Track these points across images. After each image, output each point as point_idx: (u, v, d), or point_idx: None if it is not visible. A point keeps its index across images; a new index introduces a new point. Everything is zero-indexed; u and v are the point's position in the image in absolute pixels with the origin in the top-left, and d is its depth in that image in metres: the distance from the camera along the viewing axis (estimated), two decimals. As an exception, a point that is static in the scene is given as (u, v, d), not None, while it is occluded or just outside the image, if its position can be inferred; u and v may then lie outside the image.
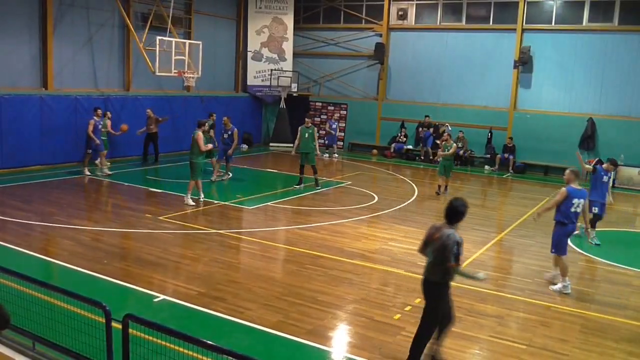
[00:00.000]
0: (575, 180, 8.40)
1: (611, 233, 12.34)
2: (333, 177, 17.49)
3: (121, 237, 10.30)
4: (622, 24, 19.21)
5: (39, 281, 5.62)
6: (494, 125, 21.38)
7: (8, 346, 5.40)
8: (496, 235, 11.71)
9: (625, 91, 19.38)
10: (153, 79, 19.43)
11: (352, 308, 7.48)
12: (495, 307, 7.74)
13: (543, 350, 6.51)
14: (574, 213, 8.34)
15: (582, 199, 8.33)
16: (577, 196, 8.28)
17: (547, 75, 20.60)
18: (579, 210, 8.37)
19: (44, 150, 16.60)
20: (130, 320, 4.63)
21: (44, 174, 15.63)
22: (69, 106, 17.13)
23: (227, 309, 7.19)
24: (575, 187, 8.34)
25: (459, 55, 22.06)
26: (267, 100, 25.11)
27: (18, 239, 9.71)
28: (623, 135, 19.21)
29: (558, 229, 8.49)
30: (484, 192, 17.57)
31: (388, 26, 23.31)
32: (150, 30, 18.72)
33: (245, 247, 10.15)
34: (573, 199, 8.25)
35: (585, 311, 7.74)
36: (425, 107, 22.71)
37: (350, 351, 6.29)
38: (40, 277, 6.64)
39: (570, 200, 8.25)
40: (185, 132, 20.89)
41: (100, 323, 4.93)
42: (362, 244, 10.50)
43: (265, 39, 24.76)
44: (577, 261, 10.11)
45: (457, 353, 6.34)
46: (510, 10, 21.00)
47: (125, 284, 7.95)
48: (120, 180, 15.55)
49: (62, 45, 17.44)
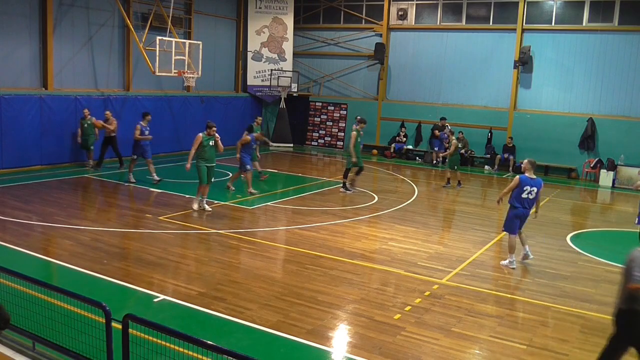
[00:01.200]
0: (530, 169, 9.36)
1: (611, 233, 12.34)
2: (333, 177, 17.49)
3: (121, 237, 10.29)
4: (622, 24, 19.22)
5: (39, 281, 5.62)
6: (494, 125, 21.38)
7: (8, 346, 5.41)
8: (496, 235, 11.71)
9: (625, 91, 19.39)
10: (153, 79, 19.44)
11: (352, 308, 7.48)
12: (495, 307, 7.74)
13: (543, 350, 6.51)
14: (526, 199, 9.34)
15: (534, 187, 9.29)
16: (529, 184, 9.28)
17: (547, 76, 20.61)
18: (530, 197, 9.34)
19: (44, 150, 16.61)
20: (130, 320, 4.63)
21: (44, 174, 15.64)
22: (69, 106, 17.14)
23: (227, 309, 7.19)
24: (529, 175, 9.33)
25: (459, 55, 22.07)
26: (267, 100, 25.12)
27: (18, 239, 9.71)
28: (623, 135, 19.22)
29: (510, 211, 9.53)
30: (484, 192, 17.55)
31: (388, 26, 23.32)
32: (150, 30, 18.72)
33: (245, 247, 10.15)
34: (525, 186, 9.27)
35: (585, 311, 7.74)
36: (425, 107, 22.73)
37: (350, 351, 6.29)
38: (40, 277, 6.64)
39: (522, 187, 9.29)
40: (184, 132, 20.94)
41: (100, 323, 4.94)
42: (362, 244, 10.50)
43: (265, 39, 24.77)
44: (577, 261, 10.12)
45: (457, 353, 6.34)
46: (510, 10, 21.01)
47: (125, 284, 7.95)
48: (120, 180, 15.55)
49: (62, 45, 17.44)
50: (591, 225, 13.65)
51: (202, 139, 12.11)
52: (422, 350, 6.33)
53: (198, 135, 12.16)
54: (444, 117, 21.56)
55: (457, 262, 9.64)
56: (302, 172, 18.63)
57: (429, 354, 6.27)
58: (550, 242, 11.26)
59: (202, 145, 12.13)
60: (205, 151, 12.19)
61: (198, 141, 12.07)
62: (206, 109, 22.23)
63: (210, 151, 12.28)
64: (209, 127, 12.24)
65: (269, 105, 25.44)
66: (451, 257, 9.95)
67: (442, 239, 11.29)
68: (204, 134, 12.18)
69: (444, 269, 9.25)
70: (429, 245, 10.69)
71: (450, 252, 10.31)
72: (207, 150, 12.21)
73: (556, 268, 9.67)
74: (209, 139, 12.22)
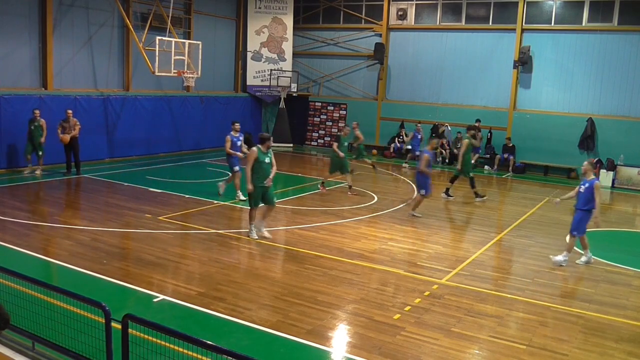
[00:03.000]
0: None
1: (611, 233, 12.35)
2: (333, 177, 17.49)
3: (121, 237, 10.29)
4: (622, 24, 19.22)
5: (39, 281, 5.61)
6: (493, 125, 21.38)
7: (8, 346, 5.41)
8: (496, 235, 11.71)
9: (624, 91, 19.39)
10: (153, 79, 19.43)
11: (351, 308, 7.48)
12: (495, 307, 7.74)
13: (543, 350, 6.51)
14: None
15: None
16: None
17: (546, 76, 20.61)
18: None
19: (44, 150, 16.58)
20: (130, 320, 4.63)
21: (43, 174, 15.62)
22: (68, 106, 17.10)
23: (227, 309, 7.19)
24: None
25: (458, 55, 22.07)
26: (266, 100, 25.12)
27: (18, 239, 9.71)
28: (623, 135, 19.22)
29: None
30: (484, 192, 17.53)
31: (388, 26, 23.32)
32: (150, 30, 18.72)
33: (245, 247, 10.15)
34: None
35: (585, 311, 7.74)
36: (424, 107, 22.73)
37: (350, 351, 6.29)
38: (40, 277, 6.65)
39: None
40: (184, 132, 20.96)
41: (100, 323, 4.93)
42: (361, 244, 10.50)
43: (265, 39, 24.77)
44: (577, 261, 10.11)
45: (457, 353, 6.34)
46: (510, 10, 21.01)
47: (125, 284, 7.94)
48: (120, 180, 15.55)
49: (62, 45, 17.44)
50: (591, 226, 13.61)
51: (256, 154, 10.10)
52: (421, 350, 6.33)
53: (252, 150, 10.19)
54: (478, 118, 20.85)
55: (457, 262, 9.64)
56: (301, 172, 18.63)
57: (428, 354, 6.27)
58: (550, 242, 11.26)
59: (256, 162, 10.13)
60: (260, 169, 10.16)
61: (253, 157, 10.09)
62: (206, 109, 22.25)
63: (267, 169, 10.23)
64: (264, 139, 10.23)
65: (268, 105, 25.44)
66: (451, 257, 9.95)
67: (442, 239, 11.29)
68: (258, 148, 10.19)
69: (444, 269, 9.25)
70: (429, 245, 10.69)
71: (450, 252, 10.31)
72: (262, 168, 10.16)
73: (556, 268, 9.67)
74: (265, 154, 10.23)
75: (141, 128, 19.55)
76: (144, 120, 19.61)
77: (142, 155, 19.45)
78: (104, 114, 18.39)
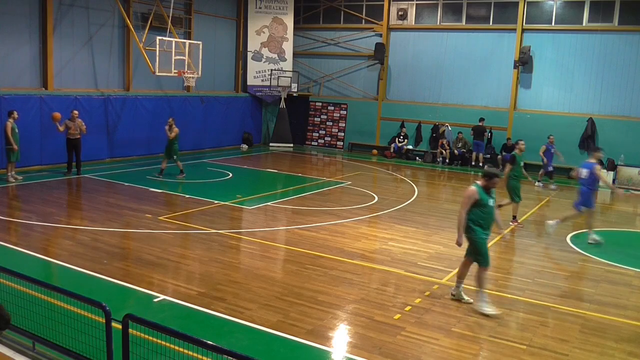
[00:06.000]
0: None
1: (611, 233, 12.34)
2: (333, 177, 17.49)
3: (121, 237, 10.29)
4: (622, 24, 19.22)
5: (39, 281, 5.62)
6: (494, 125, 21.37)
7: (8, 346, 5.40)
8: (496, 235, 11.70)
9: (625, 91, 19.39)
10: (153, 79, 19.44)
11: (352, 308, 7.48)
12: (496, 307, 7.73)
13: (543, 350, 6.51)
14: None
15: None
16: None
17: (547, 76, 20.61)
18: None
19: (44, 150, 16.60)
20: (130, 320, 4.63)
21: (44, 174, 15.63)
22: (69, 106, 17.10)
23: (227, 309, 7.19)
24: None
25: (458, 55, 22.07)
26: (267, 100, 25.13)
27: (18, 239, 9.71)
28: (623, 135, 19.22)
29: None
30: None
31: (388, 26, 23.32)
32: (150, 30, 18.73)
33: (245, 247, 10.15)
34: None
35: (585, 311, 7.74)
36: (425, 107, 22.73)
37: (350, 351, 6.29)
38: (40, 277, 6.65)
39: None
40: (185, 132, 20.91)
41: (100, 323, 4.94)
42: (362, 244, 10.50)
43: (265, 39, 24.77)
44: (577, 261, 10.12)
45: (457, 353, 6.34)
46: (510, 10, 21.01)
47: (125, 284, 7.95)
48: (120, 180, 15.55)
49: (62, 45, 17.44)
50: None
51: (477, 194, 7.64)
52: (422, 350, 6.33)
53: (471, 189, 7.69)
54: (482, 117, 20.88)
55: (457, 262, 9.58)
56: (302, 172, 18.63)
57: (429, 354, 6.27)
58: (550, 242, 11.26)
59: (477, 205, 7.67)
60: (484, 214, 7.70)
61: (472, 198, 7.64)
62: (206, 109, 22.25)
63: (491, 214, 7.81)
64: (490, 176, 7.63)
65: (269, 105, 25.45)
66: (451, 257, 9.94)
67: (442, 239, 11.28)
68: (478, 187, 7.67)
69: (444, 269, 9.25)
70: (429, 245, 10.69)
71: (450, 252, 10.30)
72: (486, 213, 7.71)
73: (556, 268, 9.67)
74: (489, 196, 7.72)
75: (141, 128, 19.55)
76: (144, 120, 19.60)
77: (142, 155, 19.45)
78: (105, 114, 18.38)
